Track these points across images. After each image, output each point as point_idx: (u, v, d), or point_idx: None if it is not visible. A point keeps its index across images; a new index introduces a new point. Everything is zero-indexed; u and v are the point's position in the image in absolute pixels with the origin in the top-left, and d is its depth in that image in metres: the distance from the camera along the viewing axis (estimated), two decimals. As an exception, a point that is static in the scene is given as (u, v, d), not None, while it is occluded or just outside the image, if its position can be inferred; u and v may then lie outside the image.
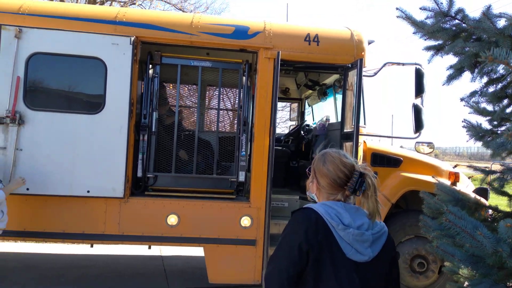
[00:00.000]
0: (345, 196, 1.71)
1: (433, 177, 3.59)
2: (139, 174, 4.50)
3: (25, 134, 4.16)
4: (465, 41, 2.54)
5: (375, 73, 4.89)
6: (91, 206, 4.30)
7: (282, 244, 1.65)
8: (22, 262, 5.85)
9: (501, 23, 2.47)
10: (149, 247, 5.18)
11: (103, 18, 4.47)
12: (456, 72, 2.71)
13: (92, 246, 5.07)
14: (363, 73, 4.51)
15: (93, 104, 4.38)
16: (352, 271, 1.58)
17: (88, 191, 4.24)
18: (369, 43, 4.88)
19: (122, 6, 14.10)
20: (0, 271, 5.47)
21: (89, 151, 4.24)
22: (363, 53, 4.64)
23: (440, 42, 2.76)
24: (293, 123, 8.13)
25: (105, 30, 4.37)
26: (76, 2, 13.97)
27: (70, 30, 4.27)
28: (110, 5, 14.53)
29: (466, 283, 2.62)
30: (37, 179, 4.18)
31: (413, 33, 2.77)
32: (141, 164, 4.50)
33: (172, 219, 4.38)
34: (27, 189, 4.15)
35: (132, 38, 4.31)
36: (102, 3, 14.36)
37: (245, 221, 4.47)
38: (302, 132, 6.74)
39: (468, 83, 2.69)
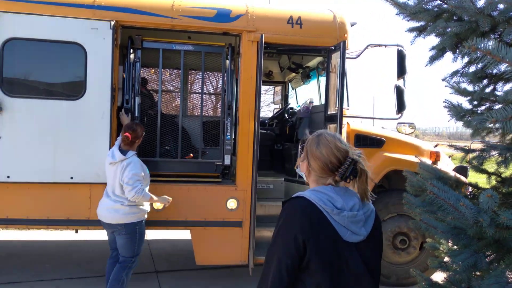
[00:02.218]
0: (335, 180, 1.70)
1: (415, 156, 3.67)
2: None
3: (4, 121, 4.08)
4: (446, 22, 2.56)
5: (358, 55, 4.91)
6: (75, 192, 4.26)
7: (277, 237, 1.63)
8: (4, 250, 5.79)
9: (481, 2, 2.51)
10: (135, 232, 5.18)
11: (81, 2, 4.35)
12: (438, 53, 2.74)
13: (77, 232, 5.05)
14: (346, 55, 4.53)
15: (73, 89, 4.29)
16: (353, 252, 1.60)
17: (72, 177, 4.20)
18: (352, 25, 4.89)
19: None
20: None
21: (71, 137, 4.19)
22: (346, 35, 4.66)
23: (422, 23, 2.79)
24: (277, 106, 8.14)
25: (84, 15, 4.27)
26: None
27: (47, 15, 4.16)
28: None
29: (446, 258, 2.72)
30: (18, 166, 4.12)
31: (396, 14, 2.79)
32: None
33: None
34: (8, 176, 4.09)
35: (112, 23, 4.22)
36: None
37: (232, 204, 4.51)
38: (286, 115, 6.77)
39: (449, 64, 2.74)
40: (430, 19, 2.67)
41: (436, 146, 5.84)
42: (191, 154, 4.72)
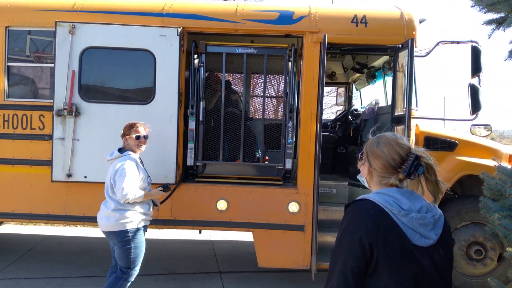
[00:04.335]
0: (399, 179, 1.63)
1: (493, 159, 3.39)
2: (190, 162, 4.57)
3: (81, 125, 4.38)
4: (530, 12, 2.35)
5: (428, 53, 4.67)
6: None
7: (342, 240, 1.59)
8: (81, 246, 6.23)
9: None
10: (200, 232, 5.33)
11: (151, 11, 4.58)
12: (520, 46, 2.52)
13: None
14: (415, 54, 4.32)
15: (144, 94, 4.52)
16: (423, 256, 1.52)
17: (142, 178, 4.41)
18: (421, 21, 4.66)
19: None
20: (62, 253, 5.86)
21: (142, 140, 4.40)
22: (414, 33, 4.45)
23: (502, 14, 2.58)
24: (340, 108, 7.97)
25: (153, 23, 4.49)
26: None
27: (120, 24, 4.42)
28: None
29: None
30: (94, 167, 4.40)
31: (471, 6, 2.61)
32: (192, 153, 4.57)
33: (222, 204, 4.47)
34: (85, 176, 4.39)
35: (179, 29, 4.39)
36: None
37: (293, 207, 4.48)
38: (350, 117, 6.60)
39: (532, 59, 2.50)
40: (511, 10, 2.46)
41: (516, 149, 5.38)
42: (267, 157, 4.74)
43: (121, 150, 3.65)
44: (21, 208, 4.56)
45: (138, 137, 3.67)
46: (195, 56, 4.74)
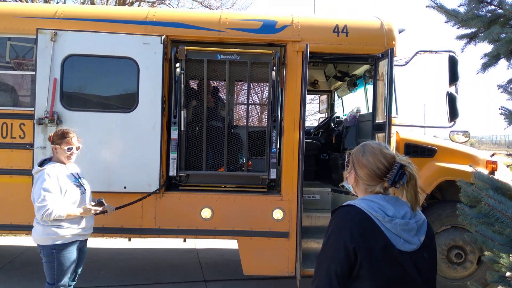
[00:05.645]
0: (384, 188, 1.69)
1: (470, 165, 3.50)
2: (172, 173, 4.48)
3: (64, 133, 4.32)
4: (502, 27, 2.46)
5: (407, 62, 4.79)
6: (128, 201, 4.42)
7: (327, 245, 1.63)
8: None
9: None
10: (184, 240, 5.30)
11: (134, 19, 4.59)
12: (491, 60, 2.63)
13: (130, 240, 5.23)
14: (394, 63, 4.43)
15: (127, 102, 4.50)
16: (407, 261, 1.57)
17: (125, 187, 4.38)
18: (400, 32, 4.78)
19: (151, 6, 14.32)
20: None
21: (125, 149, 4.38)
22: (393, 42, 4.57)
23: (473, 30, 2.69)
24: (323, 115, 8.07)
25: (137, 31, 4.49)
26: (106, 4, 14.30)
27: (103, 32, 4.40)
28: (139, 6, 14.79)
29: (508, 273, 2.56)
30: (76, 176, 4.34)
31: (445, 22, 2.71)
32: (174, 163, 4.51)
33: (206, 213, 4.47)
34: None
35: (163, 37, 4.40)
36: (131, 4, 14.63)
37: (277, 214, 4.51)
38: (332, 124, 6.69)
39: (505, 70, 2.61)
40: (483, 25, 2.57)
41: (493, 155, 5.53)
42: (250, 162, 4.72)
43: (44, 163, 3.40)
44: (1, 219, 4.47)
45: (69, 149, 3.41)
46: (177, 65, 4.71)
